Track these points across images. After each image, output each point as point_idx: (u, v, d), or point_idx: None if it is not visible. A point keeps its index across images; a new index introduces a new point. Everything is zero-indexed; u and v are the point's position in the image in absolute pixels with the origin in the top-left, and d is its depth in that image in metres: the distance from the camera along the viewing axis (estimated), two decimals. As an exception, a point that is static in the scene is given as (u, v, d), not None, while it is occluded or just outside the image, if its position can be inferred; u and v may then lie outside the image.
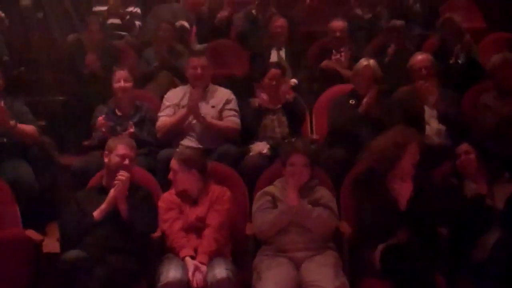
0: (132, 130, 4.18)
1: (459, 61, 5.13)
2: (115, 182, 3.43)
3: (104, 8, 6.56)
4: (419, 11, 6.29)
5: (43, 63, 5.69)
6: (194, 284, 3.17)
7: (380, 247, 3.31)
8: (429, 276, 3.20)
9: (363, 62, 4.46)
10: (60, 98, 5.45)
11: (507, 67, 4.37)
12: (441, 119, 4.23)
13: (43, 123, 4.80)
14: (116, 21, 6.38)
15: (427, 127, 4.26)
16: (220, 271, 3.16)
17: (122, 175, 3.44)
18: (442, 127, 4.24)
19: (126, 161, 3.58)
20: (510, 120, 4.17)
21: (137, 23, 6.63)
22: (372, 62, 4.46)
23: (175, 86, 4.89)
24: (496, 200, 3.54)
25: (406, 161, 3.44)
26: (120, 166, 3.51)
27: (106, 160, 3.62)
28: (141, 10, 6.76)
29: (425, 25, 6.22)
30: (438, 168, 3.89)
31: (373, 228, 3.38)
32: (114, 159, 3.57)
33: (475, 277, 3.31)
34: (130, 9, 6.60)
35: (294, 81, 5.11)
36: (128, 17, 6.49)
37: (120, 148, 3.60)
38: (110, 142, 3.68)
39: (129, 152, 3.62)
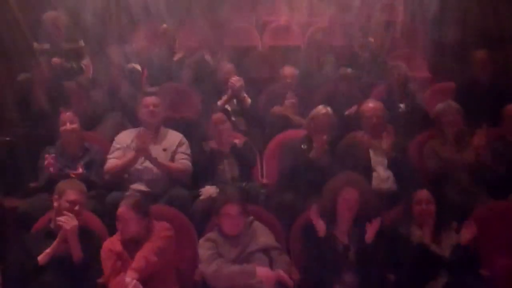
0: (80, 170, 4.12)
1: (403, 109, 5.26)
2: (58, 224, 3.36)
3: (46, 45, 6.42)
4: (368, 60, 6.46)
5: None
6: None
7: (328, 291, 3.34)
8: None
9: (322, 109, 4.55)
10: (6, 138, 5.32)
11: (451, 114, 4.54)
12: (391, 165, 4.30)
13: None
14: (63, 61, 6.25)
15: (374, 173, 4.34)
16: None
17: (61, 220, 3.38)
18: (390, 174, 4.32)
19: (77, 207, 3.51)
20: (458, 165, 4.30)
21: (85, 62, 6.51)
22: (329, 109, 4.55)
23: (126, 128, 4.86)
24: (443, 248, 3.61)
25: (341, 206, 3.52)
26: (71, 212, 3.45)
27: (55, 204, 3.55)
28: (92, 49, 6.68)
29: (373, 73, 6.38)
30: (386, 213, 3.94)
31: (320, 272, 3.39)
32: (64, 204, 3.51)
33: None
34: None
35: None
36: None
37: (70, 194, 3.55)
38: (60, 186, 3.62)
39: (79, 197, 3.57)
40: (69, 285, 3.30)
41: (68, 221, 3.39)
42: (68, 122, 4.41)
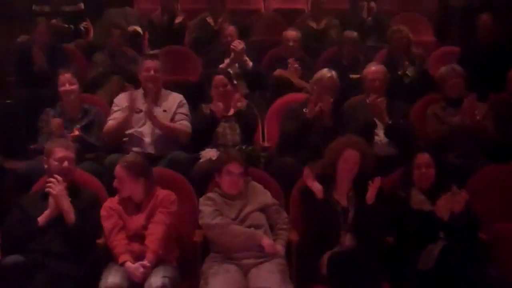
0: (77, 133, 4.10)
1: (408, 73, 5.21)
2: (46, 190, 3.37)
3: (46, 7, 6.35)
4: (371, 24, 6.37)
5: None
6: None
7: (327, 254, 3.33)
8: (374, 284, 3.25)
9: (327, 73, 4.48)
10: (6, 101, 5.31)
11: (455, 78, 4.49)
12: (387, 131, 4.27)
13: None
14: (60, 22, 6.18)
15: (376, 137, 4.31)
16: (156, 280, 3.13)
17: (50, 182, 3.38)
18: (386, 140, 4.29)
19: (65, 163, 3.52)
20: (459, 129, 4.27)
21: (84, 24, 6.44)
22: (334, 73, 4.50)
23: (126, 90, 4.83)
24: (442, 212, 3.60)
25: (342, 166, 3.53)
26: (61, 169, 3.46)
27: (45, 165, 3.54)
28: (92, 12, 6.61)
29: (377, 37, 6.30)
30: (386, 177, 3.92)
31: (319, 235, 3.40)
32: (53, 163, 3.51)
33: (420, 285, 3.36)
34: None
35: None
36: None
37: (57, 151, 3.53)
38: (47, 147, 3.61)
39: (66, 153, 3.55)
40: (67, 246, 3.30)
41: (55, 185, 3.37)
42: (67, 83, 4.38)
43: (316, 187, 3.54)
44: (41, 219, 3.35)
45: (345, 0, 6.94)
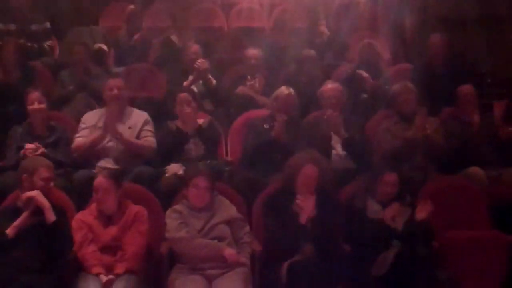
0: (42, 150, 4.20)
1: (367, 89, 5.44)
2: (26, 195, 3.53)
3: (12, 25, 6.41)
4: (329, 41, 6.63)
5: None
6: None
7: (286, 263, 3.52)
8: (331, 289, 3.44)
9: (285, 90, 4.70)
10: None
11: (407, 94, 4.75)
12: (344, 145, 4.50)
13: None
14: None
15: (334, 151, 4.53)
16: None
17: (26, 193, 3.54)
18: (344, 153, 4.52)
19: (51, 184, 3.65)
20: (410, 143, 4.52)
21: (49, 43, 6.54)
22: (292, 90, 4.71)
23: (92, 108, 4.96)
24: (397, 221, 3.83)
25: (301, 181, 3.75)
26: (44, 189, 3.58)
27: (26, 183, 3.64)
28: (58, 30, 6.71)
29: (334, 54, 6.56)
30: (343, 189, 4.14)
31: (279, 244, 3.59)
32: (38, 182, 3.64)
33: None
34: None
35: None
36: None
37: (42, 171, 3.67)
38: (28, 164, 3.73)
39: (51, 174, 3.71)
40: (38, 259, 3.40)
41: (31, 191, 3.52)
42: (36, 101, 4.48)
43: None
44: (10, 230, 3.46)
45: (305, 19, 7.17)
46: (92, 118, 4.57)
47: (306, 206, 3.70)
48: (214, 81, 5.49)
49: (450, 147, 4.57)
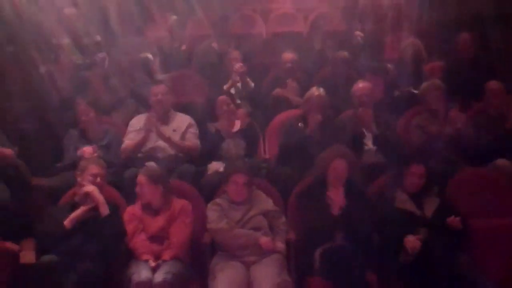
0: (95, 153, 4.60)
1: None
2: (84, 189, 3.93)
3: (66, 40, 6.88)
4: (366, 43, 6.86)
5: (16, 93, 6.06)
6: None
7: (320, 249, 3.80)
8: (361, 275, 3.69)
9: (315, 91, 4.97)
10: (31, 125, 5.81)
11: (435, 91, 4.95)
12: (375, 140, 4.74)
13: (16, 148, 5.16)
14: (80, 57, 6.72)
15: (365, 147, 4.78)
16: (159, 275, 3.62)
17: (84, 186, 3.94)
18: (374, 148, 4.76)
19: (98, 179, 4.02)
20: (440, 137, 4.72)
21: (100, 55, 6.99)
22: (322, 91, 4.98)
23: (140, 113, 5.34)
24: (425, 210, 4.06)
25: (331, 174, 4.03)
26: (94, 184, 3.96)
27: (79, 179, 4.03)
28: (108, 43, 7.15)
29: (369, 55, 6.77)
30: (374, 181, 4.39)
31: (312, 232, 3.87)
32: (87, 177, 4.01)
33: (403, 276, 3.80)
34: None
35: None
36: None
37: (92, 168, 4.05)
38: (82, 163, 4.12)
39: (100, 171, 4.08)
40: (93, 247, 3.78)
41: (89, 185, 3.92)
42: (83, 115, 4.91)
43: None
44: (67, 222, 3.85)
45: (341, 22, 7.42)
46: (138, 122, 4.95)
47: (336, 197, 3.98)
48: (252, 84, 5.81)
49: (479, 141, 4.75)
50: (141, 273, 3.63)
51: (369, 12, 7.17)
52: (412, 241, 3.79)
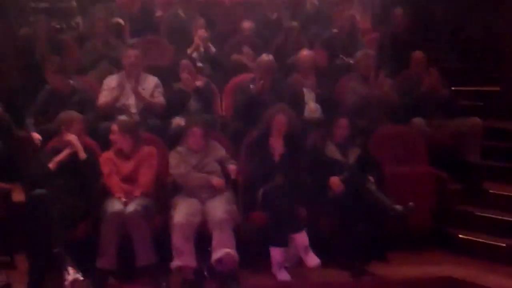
0: None
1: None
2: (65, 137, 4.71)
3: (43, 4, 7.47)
4: (315, 13, 7.65)
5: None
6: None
7: (262, 189, 4.66)
8: (293, 209, 4.57)
9: (265, 57, 5.75)
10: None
11: (367, 59, 5.81)
12: (317, 100, 5.59)
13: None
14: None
15: (306, 106, 5.63)
16: (130, 207, 4.41)
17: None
18: (318, 106, 5.61)
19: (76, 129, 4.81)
20: (369, 99, 5.59)
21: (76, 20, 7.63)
22: (271, 57, 5.77)
23: (112, 74, 6.05)
24: (349, 157, 4.95)
25: (273, 126, 4.89)
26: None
27: (62, 127, 4.80)
28: (82, 7, 7.79)
29: (319, 25, 7.58)
30: (311, 134, 5.25)
31: (257, 175, 4.74)
32: (73, 132, 4.77)
33: (328, 209, 4.70)
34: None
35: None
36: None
37: (76, 124, 4.81)
38: (64, 117, 4.84)
39: (82, 126, 4.86)
40: (75, 185, 4.58)
41: (69, 134, 4.69)
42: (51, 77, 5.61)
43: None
44: (51, 165, 4.61)
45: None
46: (112, 81, 5.67)
47: (277, 146, 4.83)
48: (213, 49, 6.57)
49: (401, 102, 5.64)
50: (115, 206, 4.44)
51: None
52: (335, 181, 4.68)
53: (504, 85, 6.54)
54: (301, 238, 4.45)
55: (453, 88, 6.29)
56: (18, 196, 4.92)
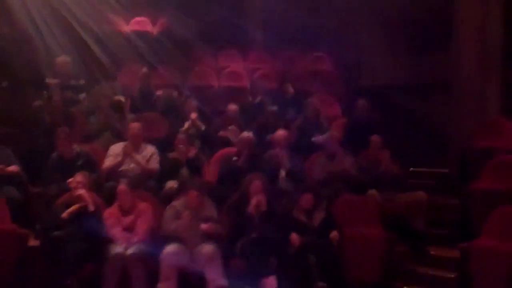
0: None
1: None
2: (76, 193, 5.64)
3: (55, 80, 8.49)
4: (292, 99, 8.82)
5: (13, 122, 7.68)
6: None
7: (240, 241, 5.62)
8: (266, 258, 5.55)
9: (246, 134, 6.85)
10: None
11: (333, 140, 6.91)
12: (287, 174, 6.63)
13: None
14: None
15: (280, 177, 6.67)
16: (130, 250, 5.40)
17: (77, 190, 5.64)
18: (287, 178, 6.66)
19: (83, 185, 5.77)
20: (332, 173, 6.64)
21: (82, 95, 8.67)
22: (251, 134, 6.85)
23: (114, 143, 7.04)
24: (315, 220, 5.94)
25: (251, 191, 5.87)
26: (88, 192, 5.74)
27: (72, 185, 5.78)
28: (89, 85, 8.85)
29: (295, 109, 8.71)
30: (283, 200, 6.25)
31: (236, 229, 5.70)
32: (76, 184, 5.74)
33: (292, 259, 5.64)
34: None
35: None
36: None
37: (78, 176, 5.79)
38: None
39: (85, 180, 5.80)
40: (84, 231, 5.49)
41: (81, 189, 5.64)
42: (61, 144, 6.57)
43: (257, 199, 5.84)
44: (65, 215, 5.56)
45: (275, 81, 9.42)
46: (116, 149, 6.68)
47: (253, 207, 5.81)
48: (203, 127, 7.65)
49: (359, 177, 6.69)
50: (117, 249, 5.36)
51: (298, 74, 9.20)
52: (294, 237, 5.66)
53: (451, 169, 7.64)
54: (271, 282, 5.38)
55: (411, 169, 7.52)
56: (33, 241, 5.81)
